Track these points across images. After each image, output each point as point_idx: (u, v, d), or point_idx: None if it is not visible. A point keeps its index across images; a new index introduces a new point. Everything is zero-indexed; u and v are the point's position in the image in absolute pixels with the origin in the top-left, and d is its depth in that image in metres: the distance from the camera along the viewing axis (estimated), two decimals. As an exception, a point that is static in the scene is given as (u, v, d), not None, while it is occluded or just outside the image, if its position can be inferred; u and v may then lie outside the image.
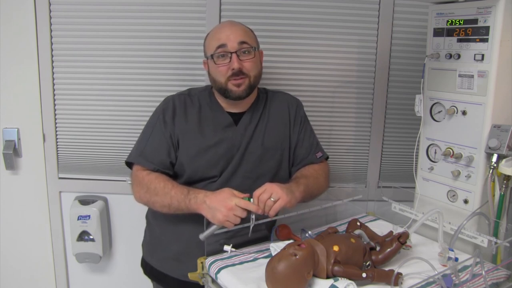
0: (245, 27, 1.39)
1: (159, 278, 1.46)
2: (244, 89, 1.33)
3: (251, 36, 1.38)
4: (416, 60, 1.77)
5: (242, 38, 1.32)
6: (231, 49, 1.31)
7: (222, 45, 1.31)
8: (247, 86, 1.34)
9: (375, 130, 1.87)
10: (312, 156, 1.47)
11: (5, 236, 1.90)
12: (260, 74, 1.40)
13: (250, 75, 1.34)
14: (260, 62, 1.41)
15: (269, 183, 1.21)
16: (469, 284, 1.03)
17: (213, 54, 1.33)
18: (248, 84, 1.34)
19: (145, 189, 1.31)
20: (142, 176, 1.33)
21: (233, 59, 1.30)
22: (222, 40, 1.32)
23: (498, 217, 1.24)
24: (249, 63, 1.33)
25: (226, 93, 1.35)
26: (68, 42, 1.74)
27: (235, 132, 1.39)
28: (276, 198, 1.18)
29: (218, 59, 1.33)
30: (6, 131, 1.80)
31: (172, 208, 1.27)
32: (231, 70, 1.31)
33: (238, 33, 1.33)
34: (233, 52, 1.30)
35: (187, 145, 1.36)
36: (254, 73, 1.35)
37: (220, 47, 1.32)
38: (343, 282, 0.97)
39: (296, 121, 1.47)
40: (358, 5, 1.76)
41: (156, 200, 1.29)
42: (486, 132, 1.24)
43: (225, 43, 1.31)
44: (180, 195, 1.25)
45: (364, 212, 1.56)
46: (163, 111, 1.38)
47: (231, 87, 1.33)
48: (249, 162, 1.38)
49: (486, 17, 1.20)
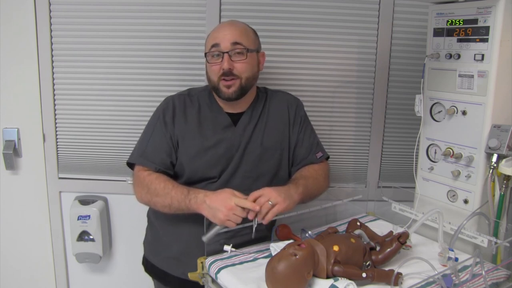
0: (245, 28, 1.38)
1: (160, 276, 1.47)
2: (234, 91, 1.33)
3: (249, 37, 1.36)
4: (416, 60, 1.77)
5: (237, 39, 1.32)
6: (223, 49, 1.31)
7: (216, 44, 1.32)
8: (238, 88, 1.33)
9: (375, 130, 1.87)
10: (312, 156, 1.46)
11: (5, 236, 1.90)
12: (255, 76, 1.39)
13: (241, 76, 1.33)
14: (258, 63, 1.40)
15: (267, 188, 1.21)
16: (469, 284, 1.03)
17: (208, 52, 1.34)
18: (239, 86, 1.33)
19: (146, 190, 1.31)
20: (143, 176, 1.33)
21: (224, 59, 1.31)
22: (217, 39, 1.33)
23: (498, 217, 1.24)
24: (240, 65, 1.32)
25: (218, 92, 1.35)
26: (68, 42, 1.74)
27: (234, 133, 1.38)
28: (274, 202, 1.18)
29: (212, 58, 1.33)
30: (6, 131, 1.80)
31: (173, 208, 1.28)
32: (222, 70, 1.31)
33: (233, 34, 1.33)
34: (225, 52, 1.31)
35: (187, 145, 1.36)
36: (247, 75, 1.34)
37: (214, 46, 1.32)
38: (343, 282, 0.97)
39: (296, 121, 1.46)
40: (358, 5, 1.76)
41: (157, 201, 1.30)
42: (486, 132, 1.24)
43: (219, 43, 1.32)
44: (180, 195, 1.25)
45: (364, 212, 1.56)
46: (163, 112, 1.38)
47: (222, 87, 1.33)
48: (249, 162, 1.38)
49: (486, 17, 1.20)
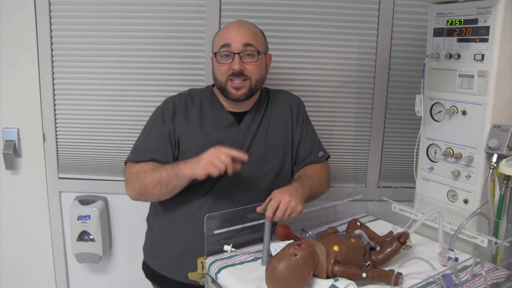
0: (255, 29, 1.37)
1: (160, 281, 1.46)
2: (243, 93, 1.33)
3: (259, 38, 1.36)
4: (416, 60, 1.77)
5: (248, 40, 1.31)
6: (234, 50, 1.30)
7: (227, 44, 1.31)
8: (247, 90, 1.33)
9: (375, 130, 1.87)
10: (314, 156, 1.47)
11: (5, 236, 1.90)
12: (264, 78, 1.39)
13: (251, 78, 1.33)
14: (266, 65, 1.40)
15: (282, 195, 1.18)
16: (469, 284, 1.03)
17: (217, 52, 1.33)
18: (249, 87, 1.33)
19: (135, 178, 1.29)
20: (133, 167, 1.31)
21: (235, 60, 1.30)
22: (227, 39, 1.32)
23: (498, 217, 1.24)
24: (251, 66, 1.32)
25: (225, 93, 1.35)
26: (68, 42, 1.74)
27: (238, 131, 1.38)
28: (290, 212, 1.17)
29: (221, 58, 1.33)
30: (6, 131, 1.80)
31: (164, 183, 1.25)
32: (231, 70, 1.31)
33: (244, 35, 1.32)
34: (236, 53, 1.30)
35: (189, 144, 1.35)
36: (256, 77, 1.34)
37: (224, 46, 1.31)
38: (343, 282, 0.97)
39: (298, 120, 1.47)
40: (358, 5, 1.76)
41: (147, 183, 1.27)
42: (486, 132, 1.24)
43: (230, 43, 1.31)
44: (168, 167, 1.25)
45: (364, 212, 1.56)
46: (162, 111, 1.37)
47: (230, 88, 1.33)
48: (253, 161, 1.37)
49: (486, 17, 1.20)
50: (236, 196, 1.36)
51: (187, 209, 1.37)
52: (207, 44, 1.73)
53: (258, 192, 1.38)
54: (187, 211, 1.37)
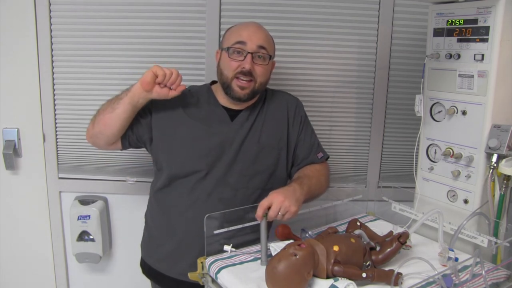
0: (269, 35, 1.40)
1: (157, 278, 1.46)
2: (247, 93, 1.35)
3: (271, 44, 1.39)
4: (416, 60, 1.77)
5: (263, 43, 1.34)
6: (249, 49, 1.32)
7: (242, 42, 1.32)
8: (251, 91, 1.35)
9: (375, 130, 1.87)
10: (313, 156, 1.47)
11: (5, 236, 1.90)
12: (267, 82, 1.41)
13: (257, 80, 1.35)
14: (270, 71, 1.42)
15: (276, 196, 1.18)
16: (469, 284, 1.03)
17: (230, 47, 1.34)
18: (253, 89, 1.35)
19: (91, 120, 1.34)
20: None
21: (247, 59, 1.31)
22: (243, 37, 1.33)
23: (498, 217, 1.24)
24: (260, 68, 1.34)
25: (229, 89, 1.35)
26: (68, 42, 1.74)
27: (230, 128, 1.39)
28: (284, 212, 1.17)
29: (233, 53, 1.33)
30: (6, 131, 1.80)
31: (115, 108, 1.28)
32: (240, 68, 1.32)
33: (260, 37, 1.34)
34: (250, 53, 1.32)
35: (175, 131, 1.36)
36: (262, 80, 1.36)
37: (239, 43, 1.33)
38: (343, 282, 0.97)
39: (295, 121, 1.47)
40: (358, 5, 1.76)
41: (101, 116, 1.31)
42: (486, 132, 1.24)
43: (246, 41, 1.32)
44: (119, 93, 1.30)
45: (364, 212, 1.56)
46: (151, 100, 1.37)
47: (235, 86, 1.34)
48: (245, 159, 1.38)
49: (486, 17, 1.20)
50: (227, 193, 1.36)
51: (178, 206, 1.38)
52: (207, 44, 1.73)
53: (250, 190, 1.38)
54: (178, 208, 1.38)
